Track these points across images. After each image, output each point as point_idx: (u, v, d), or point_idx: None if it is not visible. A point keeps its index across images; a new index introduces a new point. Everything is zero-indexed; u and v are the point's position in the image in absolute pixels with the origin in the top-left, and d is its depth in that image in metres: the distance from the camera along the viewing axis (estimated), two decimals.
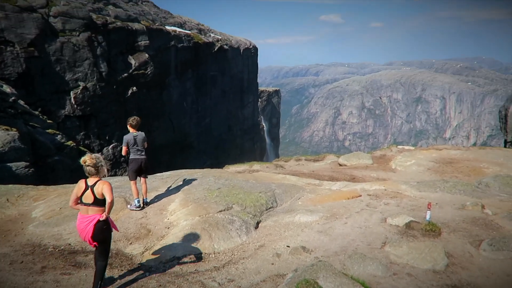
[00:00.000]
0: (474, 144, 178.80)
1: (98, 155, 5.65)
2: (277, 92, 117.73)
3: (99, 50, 40.69)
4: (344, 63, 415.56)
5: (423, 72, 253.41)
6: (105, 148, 42.51)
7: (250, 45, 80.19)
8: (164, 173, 13.11)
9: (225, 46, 66.51)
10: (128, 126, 9.03)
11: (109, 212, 5.49)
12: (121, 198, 9.44)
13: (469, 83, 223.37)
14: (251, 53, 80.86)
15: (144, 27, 46.93)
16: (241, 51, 74.86)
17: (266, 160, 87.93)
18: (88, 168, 5.44)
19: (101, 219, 5.38)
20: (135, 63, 45.45)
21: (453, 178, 14.45)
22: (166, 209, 9.12)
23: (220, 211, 8.93)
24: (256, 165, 16.92)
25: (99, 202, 5.41)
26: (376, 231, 7.94)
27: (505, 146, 43.40)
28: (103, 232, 5.46)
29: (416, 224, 7.98)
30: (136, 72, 45.76)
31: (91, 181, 5.47)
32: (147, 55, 46.89)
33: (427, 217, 8.15)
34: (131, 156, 9.02)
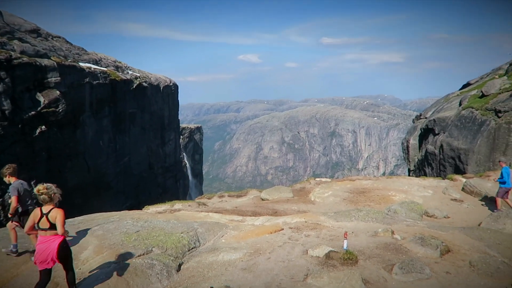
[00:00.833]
0: (384, 174, 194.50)
1: (50, 184, 6.27)
2: (199, 129, 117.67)
3: (2, 86, 37.34)
4: (263, 100, 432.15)
5: (335, 108, 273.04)
6: (7, 194, 38.21)
7: (170, 82, 79.90)
8: (76, 218, 12.09)
9: (144, 83, 65.37)
10: (7, 177, 8.42)
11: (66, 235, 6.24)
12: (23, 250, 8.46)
13: (375, 118, 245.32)
14: (171, 90, 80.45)
15: (55, 63, 44.37)
16: (161, 88, 74.14)
17: (190, 198, 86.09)
18: (42, 196, 6.07)
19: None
20: (44, 101, 42.36)
21: (366, 207, 15.40)
22: (78, 259, 8.34)
23: (139, 256, 8.42)
24: (177, 204, 16.42)
25: (54, 227, 6.02)
26: (299, 263, 8.07)
27: (408, 175, 47.75)
28: (65, 249, 6.22)
29: (335, 253, 8.28)
30: (45, 110, 42.58)
31: (45, 208, 6.08)
32: (58, 92, 44.09)
33: (345, 246, 8.51)
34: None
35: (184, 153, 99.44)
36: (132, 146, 63.28)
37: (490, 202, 16.37)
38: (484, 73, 57.00)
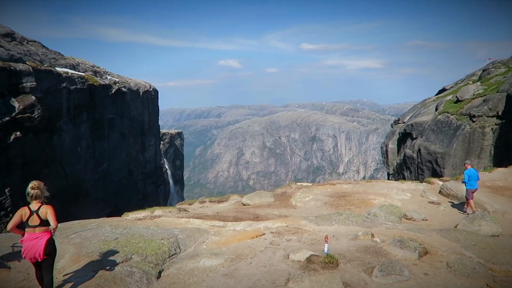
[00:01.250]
0: (364, 178, 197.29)
1: (39, 181, 6.51)
2: (179, 134, 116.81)
3: None
4: (244, 105, 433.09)
5: (315, 113, 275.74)
6: None
7: (150, 87, 79.16)
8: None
9: (123, 89, 64.55)
10: None
11: (54, 232, 6.53)
12: None
13: (355, 123, 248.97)
14: (151, 95, 79.70)
15: (30, 67, 43.36)
16: (141, 93, 73.36)
17: (171, 204, 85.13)
18: (35, 191, 6.29)
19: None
20: (19, 106, 41.28)
21: (347, 211, 15.56)
22: (54, 268, 8.10)
23: (118, 264, 8.24)
24: (158, 210, 16.19)
25: (45, 223, 6.30)
26: (280, 268, 8.07)
27: (388, 178, 48.58)
28: (52, 245, 6.49)
29: (316, 257, 8.31)
30: (20, 115, 41.47)
31: (34, 206, 6.29)
32: (34, 97, 43.07)
33: (325, 249, 8.55)
34: None
35: (164, 159, 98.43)
36: (111, 152, 62.26)
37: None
38: (459, 79, 58.73)
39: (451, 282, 7.45)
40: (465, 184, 15.65)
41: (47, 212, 6.31)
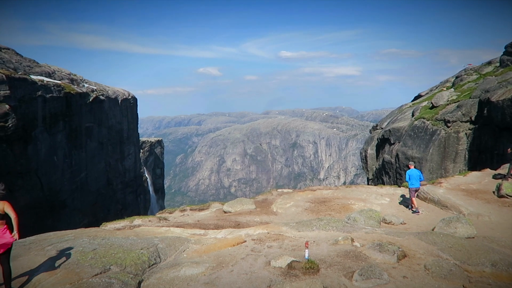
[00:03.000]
0: (344, 183, 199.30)
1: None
2: (159, 142, 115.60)
3: None
4: (224, 112, 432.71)
5: (296, 120, 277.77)
6: None
7: (129, 95, 78.25)
8: (27, 238, 11.41)
9: (101, 97, 63.58)
10: None
11: (18, 225, 7.09)
12: None
13: (335, 129, 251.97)
14: (130, 103, 78.78)
15: (4, 75, 42.26)
16: (119, 101, 72.42)
17: (152, 213, 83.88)
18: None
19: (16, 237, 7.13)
20: None
21: (327, 216, 15.69)
22: (29, 281, 7.88)
23: (96, 275, 8.06)
24: (137, 220, 15.94)
25: (3, 217, 6.98)
26: (261, 275, 8.06)
27: (367, 183, 49.26)
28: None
29: (297, 263, 8.34)
30: None
31: None
32: (7, 106, 41.92)
33: (306, 255, 8.60)
34: None
35: (144, 168, 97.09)
36: (89, 161, 61.04)
37: (442, 207, 17.20)
38: (434, 85, 60.38)
39: (429, 284, 7.60)
40: (408, 184, 17.14)
41: (4, 206, 6.96)
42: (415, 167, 18.07)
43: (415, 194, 17.20)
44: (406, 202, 18.52)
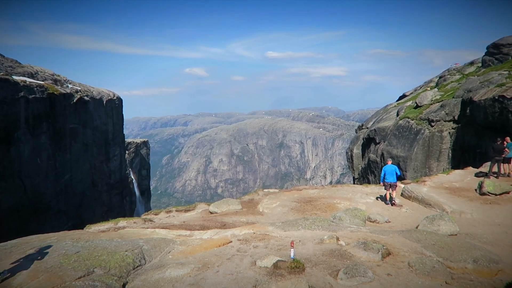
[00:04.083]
0: (330, 183, 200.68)
1: None
2: (145, 143, 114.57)
3: None
4: (211, 113, 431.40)
5: (282, 120, 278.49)
6: None
7: (114, 96, 77.35)
8: (8, 242, 11.17)
9: (85, 98, 62.68)
10: None
11: None
12: None
13: (321, 129, 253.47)
14: (115, 104, 77.88)
15: None
16: (104, 102, 71.52)
17: (138, 214, 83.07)
18: None
19: None
20: None
21: (313, 215, 15.76)
22: (11, 285, 7.71)
23: (79, 278, 7.94)
24: (122, 222, 15.75)
25: None
26: (247, 275, 8.05)
27: (353, 183, 49.68)
28: None
29: (283, 263, 8.36)
30: None
31: None
32: None
33: (291, 255, 8.63)
34: None
35: (130, 169, 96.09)
36: (73, 163, 60.09)
37: (426, 205, 17.45)
38: (418, 85, 61.25)
39: (413, 281, 7.71)
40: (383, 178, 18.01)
41: None
42: (392, 163, 18.67)
43: (390, 189, 17.99)
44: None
